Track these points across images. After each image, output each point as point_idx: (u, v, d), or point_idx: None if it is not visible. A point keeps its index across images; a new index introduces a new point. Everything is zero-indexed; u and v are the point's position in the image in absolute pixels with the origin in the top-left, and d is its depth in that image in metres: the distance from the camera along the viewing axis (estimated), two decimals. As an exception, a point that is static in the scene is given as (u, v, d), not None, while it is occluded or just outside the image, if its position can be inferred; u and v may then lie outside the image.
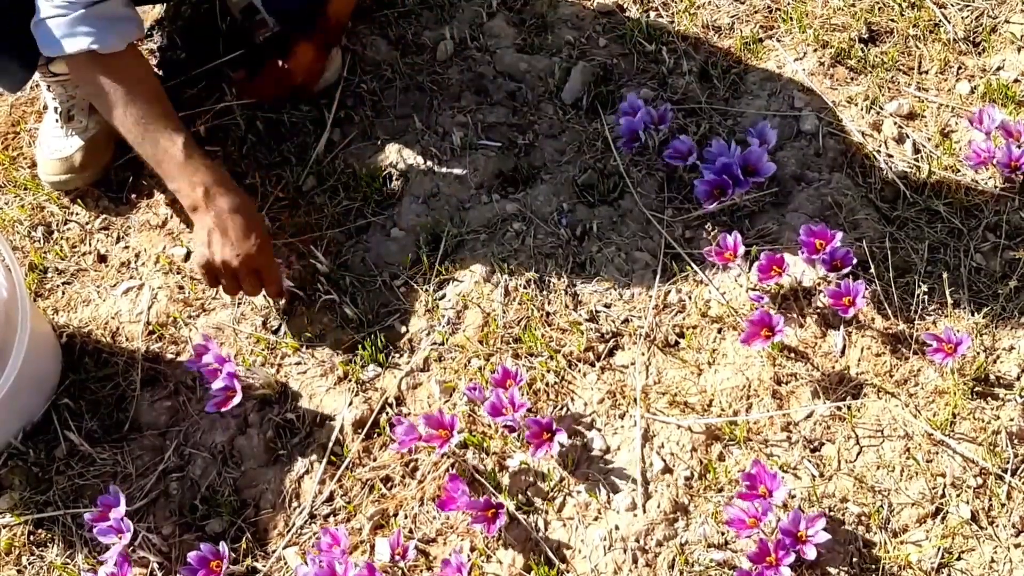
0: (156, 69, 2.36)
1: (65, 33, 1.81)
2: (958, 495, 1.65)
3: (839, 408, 1.75)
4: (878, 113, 2.13)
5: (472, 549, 1.69)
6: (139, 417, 1.90)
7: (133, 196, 2.19)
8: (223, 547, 1.66)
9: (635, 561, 1.63)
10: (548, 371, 1.84)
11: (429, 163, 2.13)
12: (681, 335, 1.87)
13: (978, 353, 1.76)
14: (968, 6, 2.28)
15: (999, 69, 2.17)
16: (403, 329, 1.94)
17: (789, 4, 2.33)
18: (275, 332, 1.97)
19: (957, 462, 1.68)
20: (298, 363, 1.93)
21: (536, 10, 2.36)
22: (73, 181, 2.16)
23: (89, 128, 2.15)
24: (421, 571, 1.69)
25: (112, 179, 2.21)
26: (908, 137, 2.09)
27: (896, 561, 1.60)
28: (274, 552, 1.75)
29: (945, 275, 1.81)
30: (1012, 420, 1.70)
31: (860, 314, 1.82)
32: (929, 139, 2.08)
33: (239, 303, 2.00)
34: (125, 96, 1.85)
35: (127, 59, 1.88)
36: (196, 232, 1.86)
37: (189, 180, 1.84)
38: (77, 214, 2.19)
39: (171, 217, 2.14)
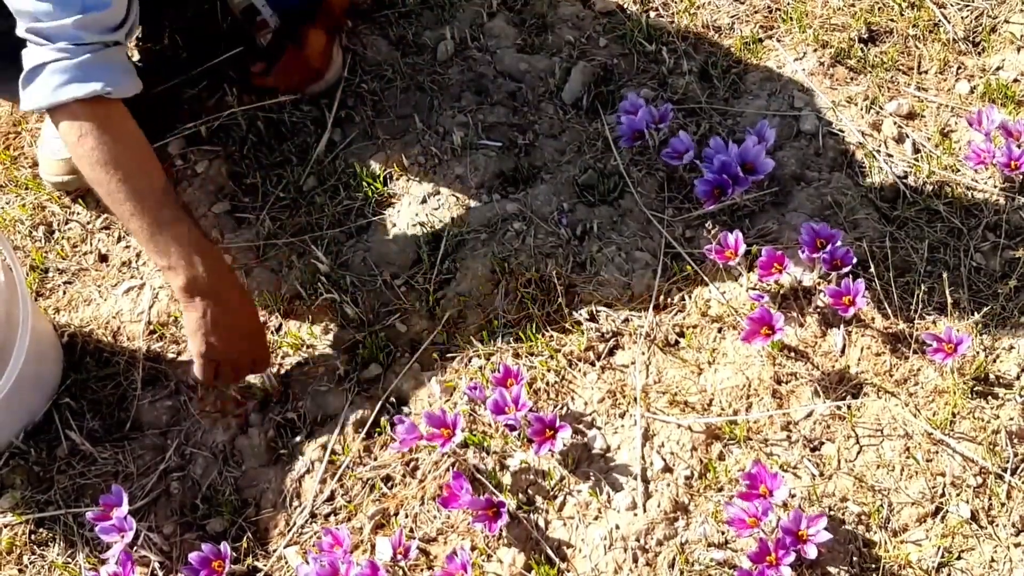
0: (157, 69, 2.36)
1: (73, 77, 1.68)
2: (958, 494, 1.65)
3: (839, 407, 1.75)
4: (878, 113, 2.13)
5: (473, 548, 1.69)
6: (140, 416, 1.91)
7: (134, 196, 2.19)
8: (224, 547, 1.67)
9: (635, 560, 1.63)
10: (548, 370, 1.84)
11: (429, 163, 2.13)
12: (681, 334, 1.87)
13: (978, 352, 1.76)
14: (968, 6, 2.28)
15: (999, 69, 2.17)
16: (403, 329, 1.94)
17: (789, 4, 2.33)
18: (276, 331, 1.97)
19: (957, 461, 1.68)
20: (299, 363, 1.93)
21: (536, 10, 2.36)
22: (75, 182, 2.17)
23: (90, 129, 2.15)
24: (422, 570, 1.70)
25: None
26: (908, 137, 2.09)
27: (896, 560, 1.61)
28: (275, 551, 1.75)
29: (945, 275, 1.81)
30: (1012, 419, 1.70)
31: (860, 313, 1.82)
32: (929, 139, 2.08)
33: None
34: (126, 158, 1.72)
35: (125, 114, 1.76)
36: (190, 317, 1.75)
37: (188, 261, 1.72)
38: (78, 214, 2.19)
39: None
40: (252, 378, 1.88)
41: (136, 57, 2.37)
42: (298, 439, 1.85)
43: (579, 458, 1.75)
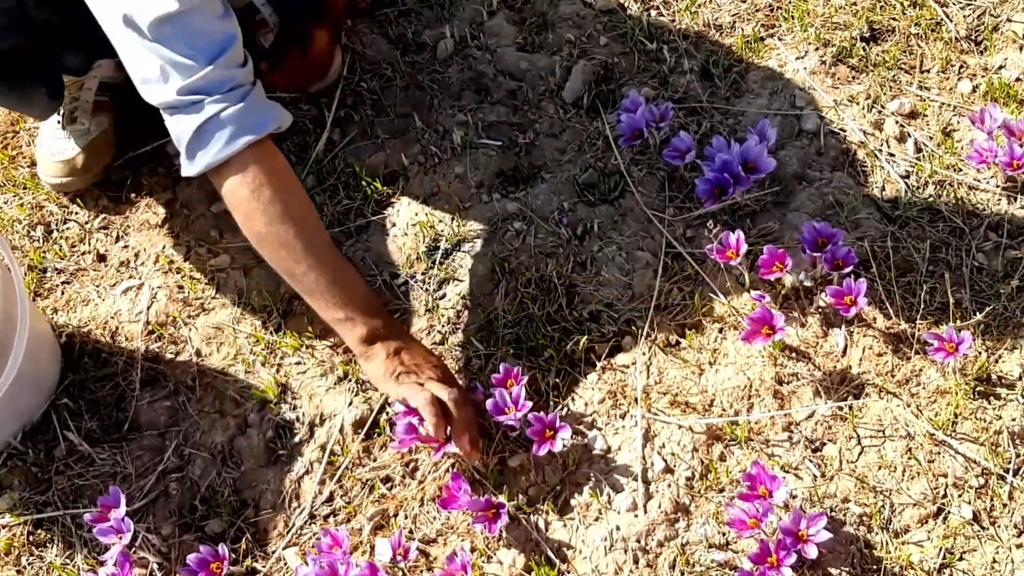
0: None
1: (243, 123, 1.61)
2: (960, 495, 1.65)
3: (840, 408, 1.74)
4: (880, 112, 2.12)
5: (473, 549, 1.68)
6: (138, 417, 1.90)
7: (132, 195, 2.18)
8: (223, 548, 1.66)
9: (636, 561, 1.63)
10: (549, 371, 1.83)
11: (429, 162, 2.12)
12: (682, 335, 1.86)
13: (980, 353, 1.75)
14: (970, 5, 2.27)
15: (1001, 68, 2.16)
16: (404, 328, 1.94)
17: (791, 2, 2.32)
18: (275, 332, 1.96)
19: (959, 462, 1.67)
20: (298, 363, 1.92)
21: (537, 9, 2.36)
22: (74, 183, 2.16)
23: (91, 131, 2.15)
24: (422, 571, 1.69)
25: (111, 178, 2.20)
26: (910, 136, 2.08)
27: (898, 561, 1.60)
28: (274, 552, 1.75)
29: (947, 274, 1.80)
30: (1014, 420, 1.70)
31: (862, 313, 1.82)
32: (931, 138, 2.08)
33: (239, 303, 2.00)
34: (297, 207, 1.66)
35: (279, 153, 1.71)
36: (372, 367, 1.71)
37: (375, 314, 1.70)
38: (76, 213, 2.18)
39: (170, 217, 2.14)
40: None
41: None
42: (297, 440, 1.84)
43: (579, 459, 1.74)
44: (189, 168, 1.67)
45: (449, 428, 1.66)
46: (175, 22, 1.56)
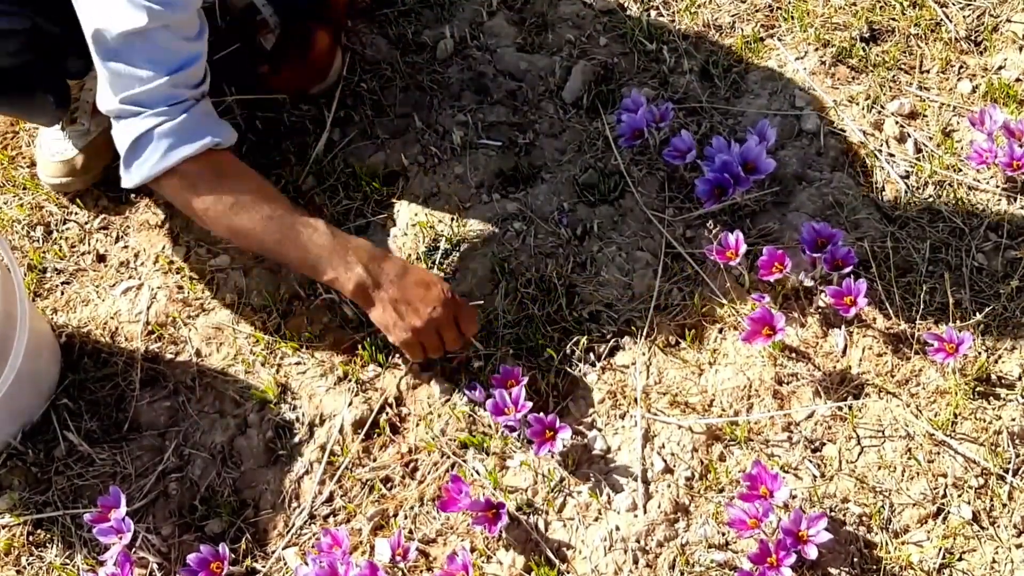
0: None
1: (179, 138, 1.66)
2: (959, 495, 1.65)
3: (840, 408, 1.74)
4: (879, 112, 2.12)
5: (472, 549, 1.68)
6: (138, 417, 1.90)
7: (132, 196, 2.18)
8: (223, 548, 1.66)
9: (636, 562, 1.63)
10: (549, 371, 1.83)
11: (429, 162, 2.12)
12: (682, 335, 1.86)
13: (980, 353, 1.76)
14: (969, 5, 2.27)
15: (1001, 68, 2.16)
16: (403, 329, 1.94)
17: (790, 3, 2.32)
18: (275, 332, 1.96)
19: (959, 462, 1.67)
20: (298, 363, 1.92)
21: (536, 9, 2.36)
22: (74, 184, 2.16)
23: (91, 131, 2.15)
24: (421, 571, 1.69)
25: (111, 178, 2.20)
26: (910, 136, 2.08)
27: (897, 562, 1.60)
28: (274, 553, 1.75)
29: (947, 275, 1.81)
30: (1014, 420, 1.70)
31: (861, 314, 1.82)
32: (931, 138, 2.08)
33: (239, 303, 2.00)
34: (247, 195, 1.70)
35: (231, 156, 1.75)
36: (377, 313, 1.73)
37: (345, 263, 1.71)
38: (76, 214, 2.18)
39: (170, 217, 2.14)
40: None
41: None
42: (297, 440, 1.84)
43: (579, 459, 1.74)
44: (126, 179, 1.72)
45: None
46: (141, 36, 1.60)
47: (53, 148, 2.15)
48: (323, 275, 1.72)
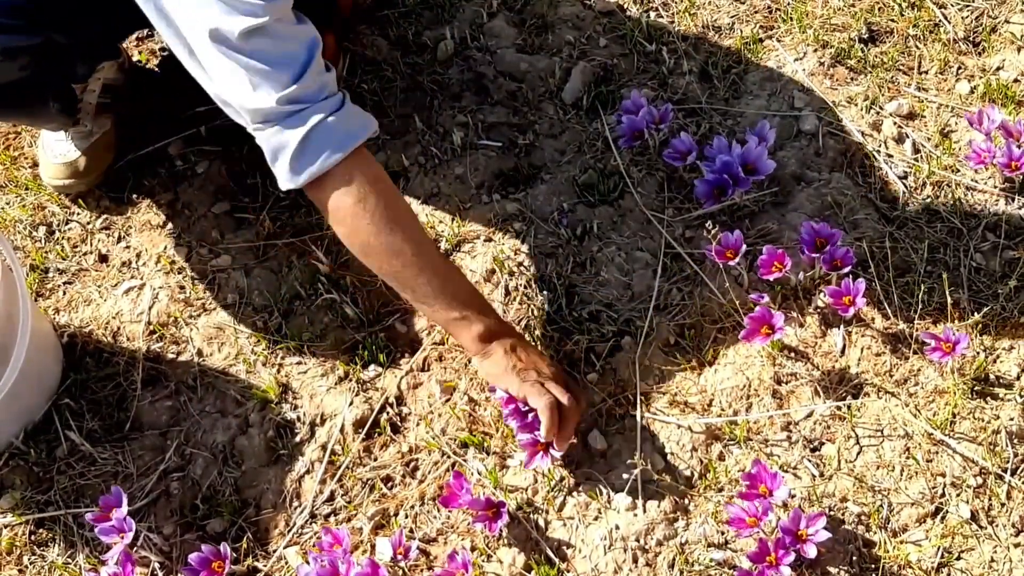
0: (156, 69, 2.37)
1: (344, 129, 1.58)
2: (958, 495, 1.65)
3: (839, 408, 1.75)
4: (878, 113, 2.13)
5: (473, 548, 1.69)
6: (140, 417, 1.91)
7: (134, 196, 2.19)
8: (224, 547, 1.67)
9: (635, 560, 1.63)
10: (548, 371, 1.84)
11: (429, 163, 2.13)
12: (681, 335, 1.87)
13: (978, 353, 1.76)
14: (968, 6, 2.28)
15: (999, 69, 2.17)
16: (403, 329, 1.94)
17: (789, 4, 2.33)
18: (276, 332, 1.97)
19: (957, 462, 1.68)
20: (299, 363, 1.93)
21: (536, 10, 2.36)
22: (77, 186, 2.16)
23: (94, 132, 2.15)
24: (422, 570, 1.70)
25: (113, 179, 2.21)
26: (908, 137, 2.09)
27: (896, 560, 1.61)
28: (275, 552, 1.75)
29: (945, 275, 1.81)
30: (1012, 420, 1.70)
31: (860, 313, 1.82)
32: (929, 139, 2.08)
33: (240, 303, 2.00)
34: (405, 211, 1.64)
35: (373, 159, 1.68)
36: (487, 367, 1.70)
37: (479, 312, 1.69)
38: (78, 214, 2.19)
39: (172, 217, 2.14)
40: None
41: (136, 57, 2.37)
42: (298, 439, 1.85)
43: (579, 459, 1.75)
44: (292, 180, 1.60)
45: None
46: (264, 32, 1.52)
47: (56, 150, 2.15)
48: (454, 313, 1.66)
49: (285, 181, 1.62)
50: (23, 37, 1.75)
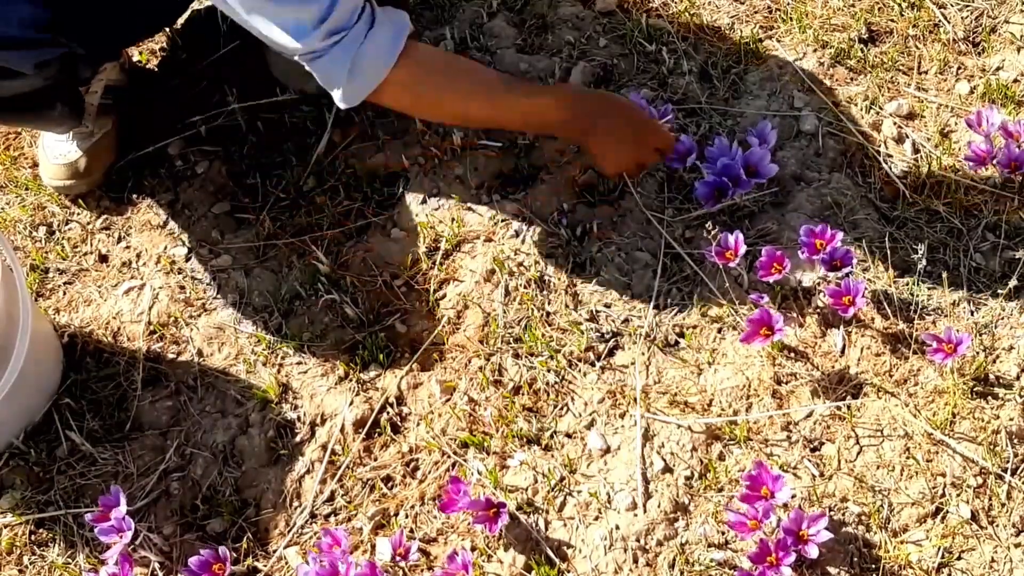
0: (155, 69, 2.36)
1: (393, 31, 1.71)
2: (958, 495, 1.66)
3: (839, 408, 1.75)
4: (878, 113, 2.13)
5: (473, 549, 1.69)
6: (140, 417, 1.91)
7: (134, 196, 2.19)
8: (224, 551, 1.66)
9: (635, 561, 1.63)
10: (548, 371, 1.84)
11: (429, 163, 2.13)
12: (681, 335, 1.87)
13: (978, 353, 1.76)
14: (968, 6, 2.28)
15: (999, 69, 2.17)
16: (403, 329, 1.95)
17: (789, 4, 2.33)
18: (276, 332, 1.97)
19: (957, 462, 1.68)
20: (299, 363, 1.93)
21: (536, 10, 2.36)
22: (77, 186, 2.16)
23: (94, 133, 2.15)
24: (422, 571, 1.70)
25: (113, 179, 2.21)
26: (908, 137, 2.09)
27: (896, 561, 1.61)
28: (275, 552, 1.75)
29: (945, 275, 1.81)
30: (1012, 420, 1.70)
31: (860, 314, 1.82)
32: (929, 139, 2.08)
33: (240, 303, 2.00)
34: (462, 61, 1.91)
35: (415, 43, 1.81)
36: (595, 149, 1.95)
37: (559, 107, 1.89)
38: (78, 214, 2.19)
39: (172, 217, 2.14)
40: None
41: (136, 57, 2.37)
42: (298, 439, 1.85)
43: (579, 459, 1.75)
44: (351, 98, 1.73)
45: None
46: None
47: (56, 150, 2.15)
48: (546, 116, 1.90)
49: (343, 100, 1.74)
50: (50, 50, 1.78)
